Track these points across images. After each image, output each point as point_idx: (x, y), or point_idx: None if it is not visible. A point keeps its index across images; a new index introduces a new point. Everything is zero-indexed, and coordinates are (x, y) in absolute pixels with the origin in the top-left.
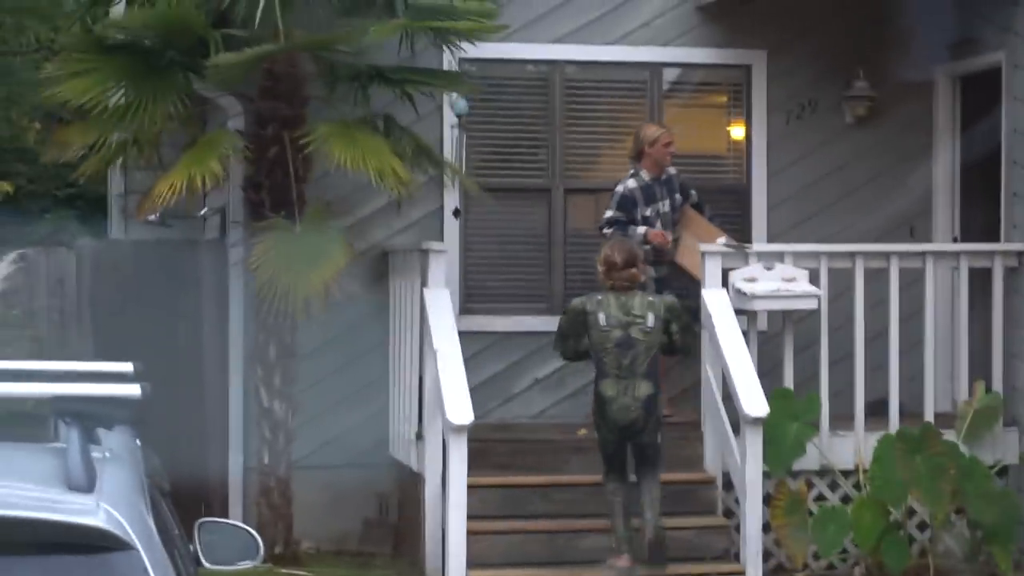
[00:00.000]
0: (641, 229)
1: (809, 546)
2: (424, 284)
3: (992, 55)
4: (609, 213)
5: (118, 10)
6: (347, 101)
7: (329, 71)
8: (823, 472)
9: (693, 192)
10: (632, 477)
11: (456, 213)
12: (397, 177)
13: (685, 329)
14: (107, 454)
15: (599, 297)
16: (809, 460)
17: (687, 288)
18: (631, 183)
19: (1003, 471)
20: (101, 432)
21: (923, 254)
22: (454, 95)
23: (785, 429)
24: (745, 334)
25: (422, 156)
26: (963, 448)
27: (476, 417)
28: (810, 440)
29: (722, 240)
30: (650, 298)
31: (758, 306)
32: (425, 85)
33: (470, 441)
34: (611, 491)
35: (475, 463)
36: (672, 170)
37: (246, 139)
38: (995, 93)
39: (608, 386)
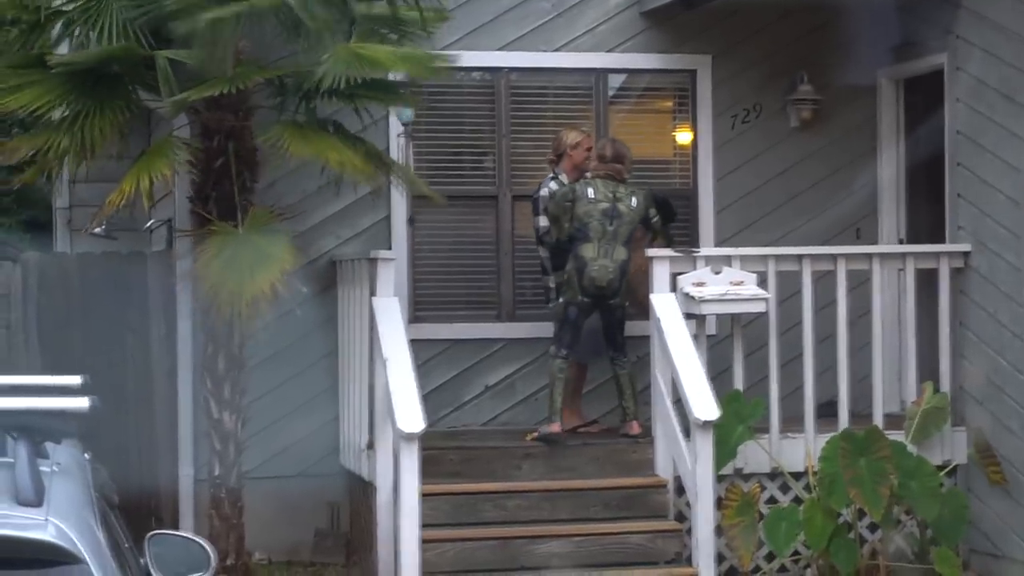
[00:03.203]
0: (543, 221)
1: (759, 548)
2: (373, 293)
3: (934, 58)
4: (543, 221)
5: (56, 31)
6: (294, 111)
7: (277, 84)
8: (774, 475)
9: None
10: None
11: (411, 221)
12: (357, 169)
13: (666, 216)
14: (55, 468)
15: (586, 181)
16: (760, 462)
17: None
18: (552, 185)
19: (952, 471)
20: (49, 446)
21: (870, 256)
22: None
23: (732, 431)
24: (694, 338)
25: (372, 161)
26: (912, 448)
27: (427, 425)
28: (754, 442)
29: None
30: (635, 188)
31: (707, 310)
32: (371, 100)
33: (422, 449)
34: (558, 368)
35: (427, 471)
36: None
37: (193, 151)
38: (938, 95)
39: (589, 249)
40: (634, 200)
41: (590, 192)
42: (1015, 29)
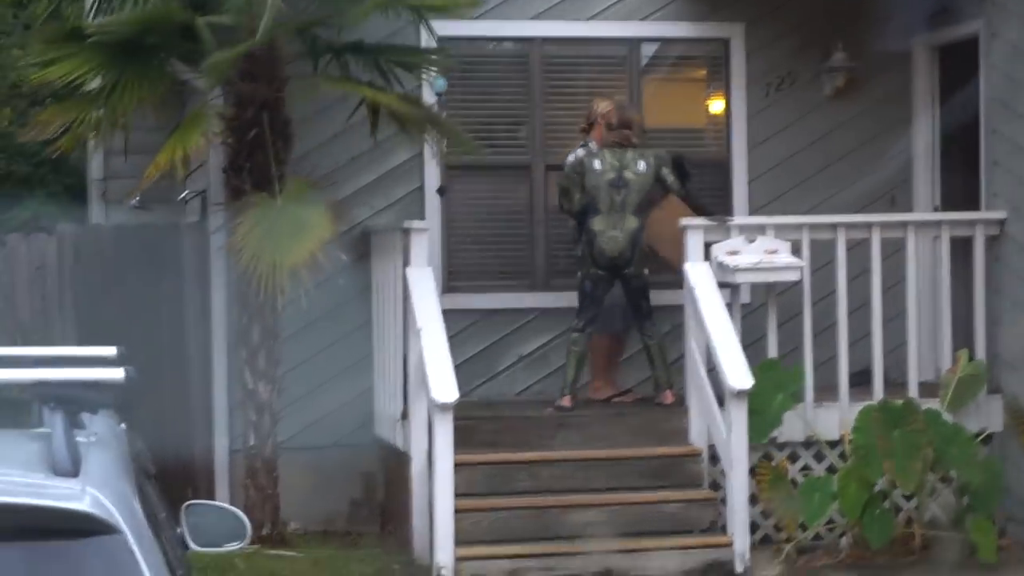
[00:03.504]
0: None
1: (797, 516)
2: (407, 263)
3: (970, 24)
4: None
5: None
6: (327, 80)
7: (311, 47)
8: (809, 443)
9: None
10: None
11: (441, 191)
12: (392, 107)
13: (680, 176)
14: (92, 438)
15: (594, 151)
16: (794, 431)
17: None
18: (580, 152)
19: (988, 439)
20: (85, 417)
21: (905, 224)
22: (433, 72)
23: (770, 400)
24: (728, 307)
25: (409, 104)
26: (947, 417)
27: (461, 395)
28: (791, 411)
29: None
30: (643, 151)
31: (740, 279)
32: (400, 63)
33: (455, 419)
34: (573, 341)
35: (460, 441)
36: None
37: (226, 121)
38: (973, 62)
39: (598, 221)
40: (642, 164)
41: (596, 164)
42: None
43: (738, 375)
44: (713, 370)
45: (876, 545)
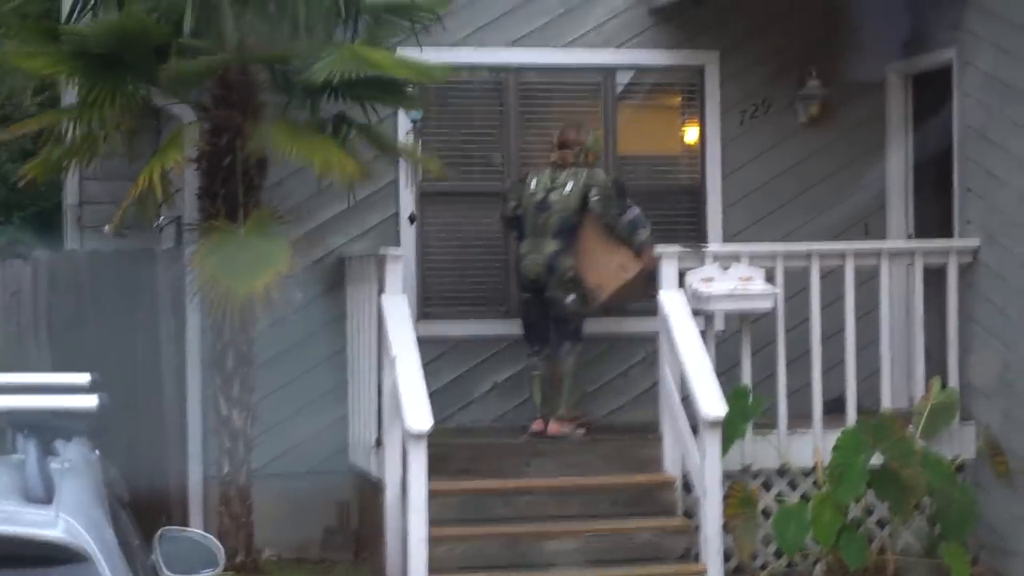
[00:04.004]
0: None
1: (766, 543)
2: (381, 290)
3: (942, 53)
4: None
5: (66, 3)
6: (301, 110)
7: (283, 82)
8: (782, 471)
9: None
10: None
11: (412, 219)
12: (343, 168)
13: (605, 199)
14: (65, 465)
15: (540, 171)
16: (768, 459)
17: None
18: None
19: (960, 466)
20: (59, 444)
21: (878, 252)
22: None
23: (737, 428)
24: (703, 335)
25: (378, 150)
26: (921, 444)
27: (435, 422)
28: (754, 440)
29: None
30: (579, 170)
31: (715, 306)
32: (377, 100)
33: (430, 446)
34: (532, 366)
35: (435, 468)
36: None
37: (201, 147)
38: (946, 90)
39: (524, 243)
40: (569, 186)
41: (532, 184)
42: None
43: (712, 404)
44: (687, 398)
45: (854, 566)
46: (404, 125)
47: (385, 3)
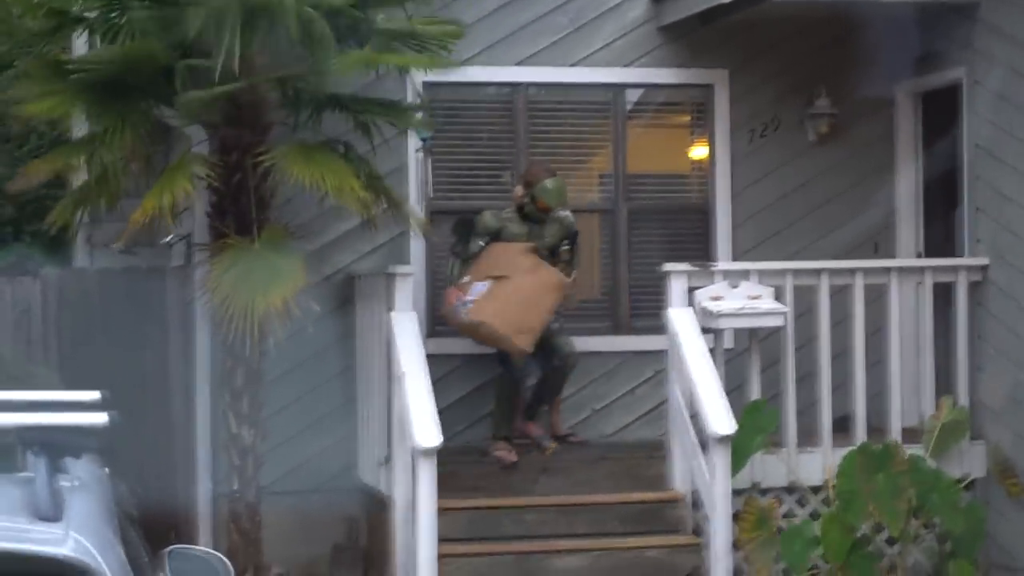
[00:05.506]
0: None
1: (775, 564)
2: (390, 308)
3: (952, 71)
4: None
5: (80, 42)
6: (310, 128)
7: (292, 99)
8: (792, 488)
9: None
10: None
11: (427, 236)
12: (356, 196)
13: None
14: (75, 483)
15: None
16: (777, 476)
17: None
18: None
19: (970, 485)
20: (69, 461)
21: (888, 270)
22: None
23: (751, 441)
24: (711, 352)
25: (373, 187)
26: (930, 462)
27: (444, 440)
28: (765, 457)
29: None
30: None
31: (724, 324)
32: (383, 116)
33: (438, 464)
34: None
35: (444, 486)
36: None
37: (211, 166)
38: (956, 109)
39: None
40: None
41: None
42: None
43: (720, 420)
44: (696, 415)
45: None
46: (414, 143)
47: (398, 29)
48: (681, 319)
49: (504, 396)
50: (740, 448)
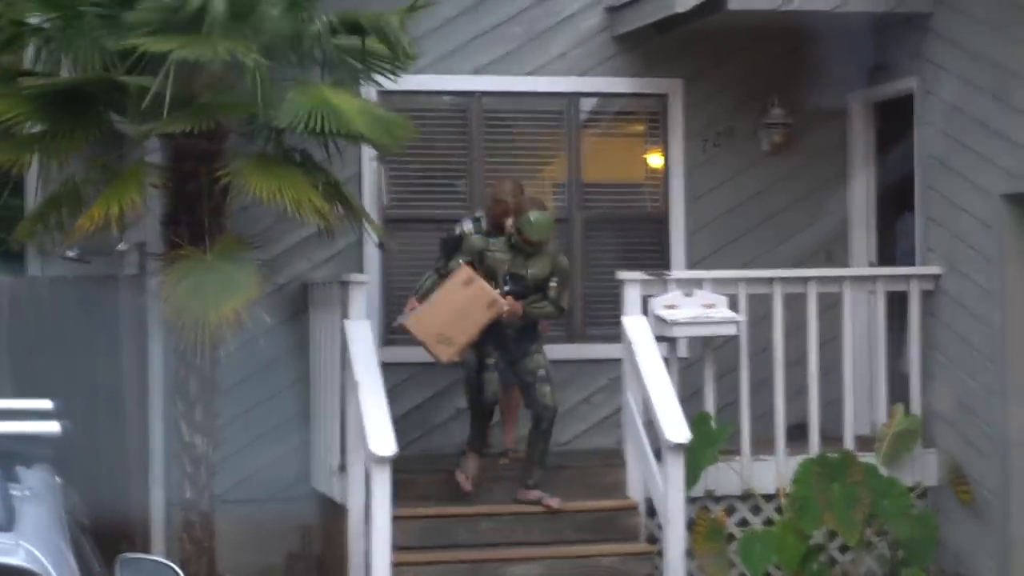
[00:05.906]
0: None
1: (730, 571)
2: (345, 316)
3: (905, 81)
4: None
5: (30, 48)
6: (266, 138)
7: (247, 121)
8: (745, 497)
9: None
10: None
11: (381, 245)
12: (315, 208)
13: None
14: (27, 492)
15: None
16: (731, 485)
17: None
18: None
19: (923, 493)
20: (20, 470)
21: (841, 279)
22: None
23: (702, 454)
24: (666, 360)
25: (332, 196)
26: (883, 470)
27: (399, 448)
28: (718, 466)
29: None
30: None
31: (678, 332)
32: (341, 138)
33: (393, 472)
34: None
35: (399, 494)
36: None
37: (165, 174)
38: (908, 119)
39: None
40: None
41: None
42: (984, 53)
43: (675, 429)
44: (651, 423)
45: None
46: (368, 152)
47: (351, 46)
48: (636, 327)
49: (474, 411)
50: (693, 461)
